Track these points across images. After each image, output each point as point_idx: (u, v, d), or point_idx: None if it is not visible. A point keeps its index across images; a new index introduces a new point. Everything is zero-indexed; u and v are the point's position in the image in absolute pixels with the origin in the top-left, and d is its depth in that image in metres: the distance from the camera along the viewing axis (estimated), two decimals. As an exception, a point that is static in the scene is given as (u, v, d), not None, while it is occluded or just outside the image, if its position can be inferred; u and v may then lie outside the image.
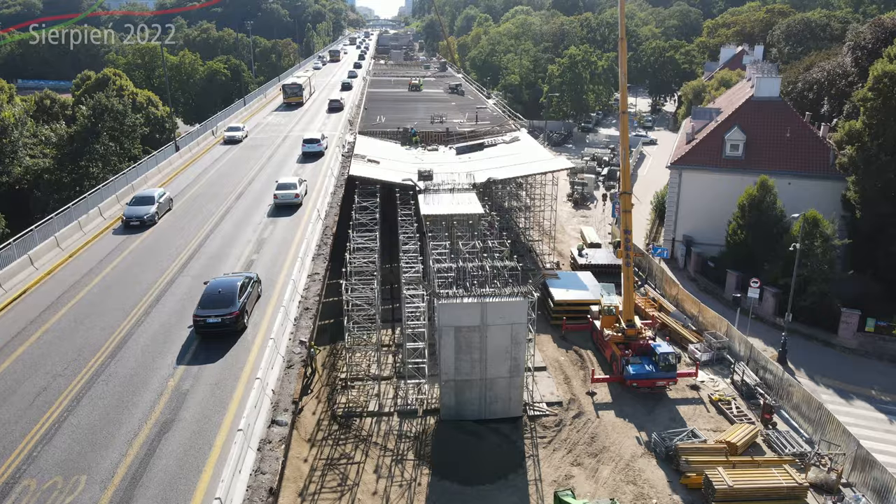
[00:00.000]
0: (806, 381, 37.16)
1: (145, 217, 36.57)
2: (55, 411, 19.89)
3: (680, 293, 45.94)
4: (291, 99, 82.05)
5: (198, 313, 24.00)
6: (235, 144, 59.28)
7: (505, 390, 32.48)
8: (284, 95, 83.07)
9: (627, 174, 39.60)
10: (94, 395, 20.78)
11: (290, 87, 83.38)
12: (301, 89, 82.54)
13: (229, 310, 23.96)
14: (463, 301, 31.02)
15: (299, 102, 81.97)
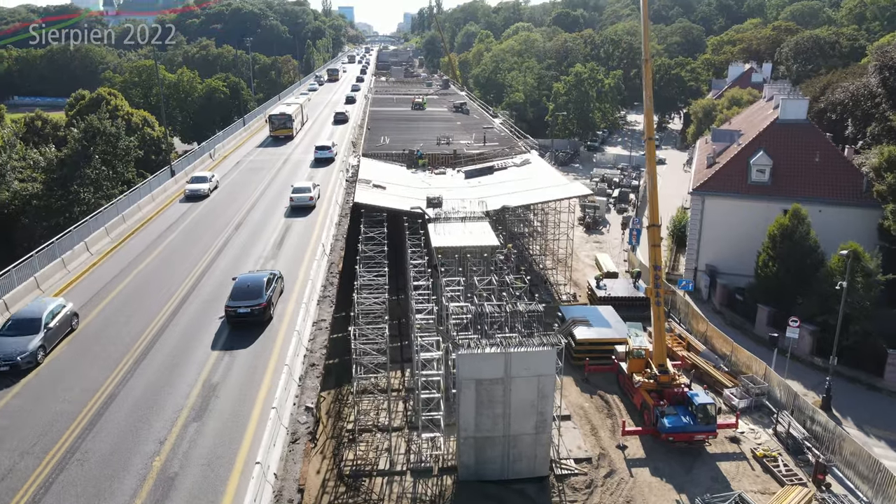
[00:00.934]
0: (854, 430, 34.12)
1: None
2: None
3: (709, 330, 42.95)
4: (279, 132, 70.44)
5: (229, 304, 27.00)
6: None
7: (530, 448, 29.42)
8: (271, 127, 71.30)
9: (656, 206, 36.83)
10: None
11: (277, 118, 70.95)
12: (290, 120, 70.68)
13: (257, 301, 26.90)
14: (485, 352, 28.05)
15: (288, 136, 70.38)
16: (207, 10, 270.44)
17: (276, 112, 72.97)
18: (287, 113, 71.41)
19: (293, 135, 70.67)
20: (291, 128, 70.56)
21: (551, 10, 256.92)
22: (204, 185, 48.02)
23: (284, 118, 70.67)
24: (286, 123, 70.36)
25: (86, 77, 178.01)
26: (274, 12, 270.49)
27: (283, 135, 70.06)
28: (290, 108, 74.04)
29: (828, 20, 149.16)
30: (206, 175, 49.80)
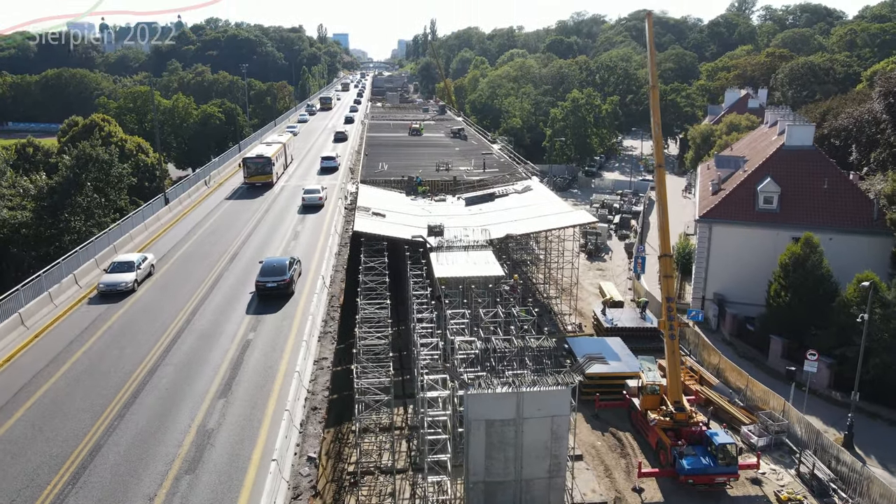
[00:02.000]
0: (879, 470, 32.55)
1: None
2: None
3: (722, 362, 41.48)
4: (255, 178, 59.22)
5: (259, 280, 32.84)
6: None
7: (543, 493, 27.72)
8: (246, 173, 59.57)
9: (667, 236, 35.70)
10: None
11: (254, 162, 59.47)
12: (269, 164, 59.32)
13: (282, 277, 32.85)
14: (496, 391, 26.50)
15: (267, 183, 59.13)
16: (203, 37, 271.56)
17: (253, 155, 61.12)
18: (265, 156, 59.95)
19: (273, 181, 59.59)
20: (271, 173, 59.32)
21: (545, 37, 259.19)
22: (127, 277, 33.63)
23: (262, 162, 59.28)
24: (265, 168, 59.10)
25: (80, 103, 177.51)
26: (270, 39, 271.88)
27: (261, 182, 59.12)
28: (269, 150, 62.52)
29: (819, 47, 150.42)
30: (131, 260, 35.13)
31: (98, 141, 57.91)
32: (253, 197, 55.91)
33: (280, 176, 62.87)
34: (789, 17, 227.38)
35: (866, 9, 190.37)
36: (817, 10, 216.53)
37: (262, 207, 52.22)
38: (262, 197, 55.80)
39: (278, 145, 65.97)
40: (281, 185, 60.48)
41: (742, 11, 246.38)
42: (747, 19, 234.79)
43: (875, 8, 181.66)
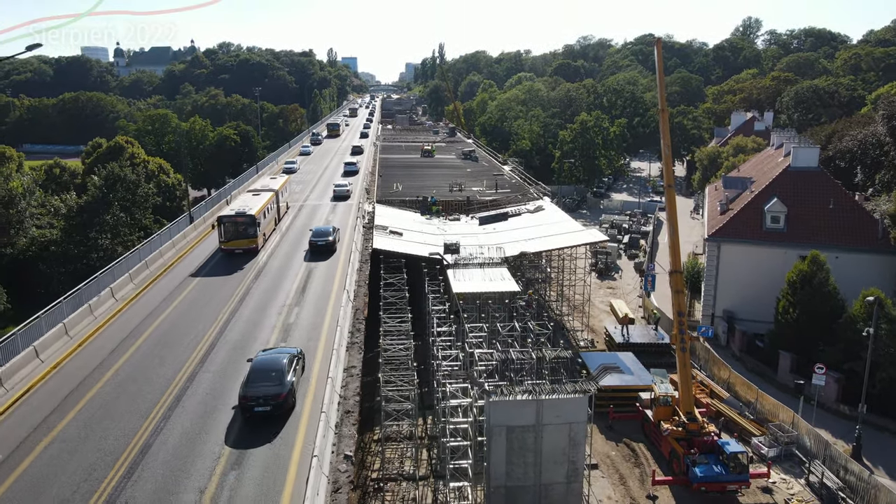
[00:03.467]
0: (887, 481, 33.40)
1: None
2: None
3: (732, 377, 42.63)
4: (234, 244, 44.65)
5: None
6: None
7: (562, 498, 28.86)
8: (221, 236, 44.63)
9: (678, 252, 37.05)
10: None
11: (231, 222, 44.66)
12: (253, 225, 44.69)
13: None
14: (516, 399, 27.81)
15: (250, 248, 44.75)
16: (216, 61, 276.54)
17: (231, 212, 45.58)
18: (248, 213, 44.94)
19: (258, 246, 45.27)
20: (255, 236, 44.82)
21: (552, 60, 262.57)
22: None
23: (244, 223, 44.69)
24: (247, 230, 44.61)
25: (96, 126, 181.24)
26: (281, 63, 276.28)
27: (242, 248, 44.59)
28: (255, 203, 47.99)
29: (823, 71, 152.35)
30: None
31: (126, 162, 59.92)
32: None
33: (268, 237, 49.28)
34: (794, 42, 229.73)
35: (871, 33, 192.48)
36: (822, 34, 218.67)
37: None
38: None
39: (268, 194, 51.43)
40: (272, 246, 47.93)
41: (747, 35, 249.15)
42: (752, 43, 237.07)
43: (879, 32, 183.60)
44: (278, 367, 24.17)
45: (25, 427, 22.95)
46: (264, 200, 49.42)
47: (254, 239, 44.94)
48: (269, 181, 60.71)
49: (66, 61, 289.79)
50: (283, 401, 23.18)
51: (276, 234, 51.69)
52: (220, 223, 44.65)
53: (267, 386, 23.18)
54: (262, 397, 22.84)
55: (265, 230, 48.13)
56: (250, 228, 44.72)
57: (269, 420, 22.86)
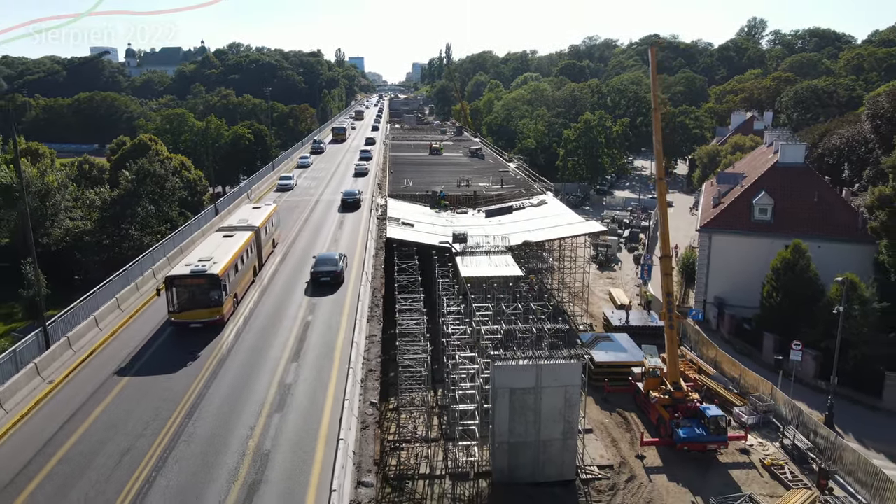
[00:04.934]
0: (856, 445, 36.83)
1: None
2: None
3: (719, 355, 46.15)
4: (188, 316, 32.22)
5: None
6: None
7: (559, 453, 32.49)
8: (172, 305, 32.04)
9: (667, 239, 40.57)
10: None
11: (184, 284, 32.19)
12: (216, 286, 32.14)
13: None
14: (519, 363, 31.45)
15: (213, 321, 32.42)
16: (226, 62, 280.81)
17: (185, 269, 32.95)
18: (209, 271, 32.28)
19: (224, 316, 32.84)
20: (220, 303, 32.23)
21: (558, 61, 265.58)
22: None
23: (203, 286, 32.06)
24: (208, 296, 32.06)
25: (110, 125, 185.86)
26: (290, 63, 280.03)
27: (202, 320, 32.15)
28: (222, 251, 35.32)
29: (826, 71, 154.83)
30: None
31: (155, 157, 63.76)
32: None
33: (240, 299, 35.71)
34: (798, 42, 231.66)
35: (875, 33, 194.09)
36: (826, 34, 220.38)
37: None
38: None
39: (244, 235, 38.87)
40: (245, 313, 34.55)
41: (752, 36, 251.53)
42: (757, 44, 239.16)
43: (884, 33, 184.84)
44: (333, 257, 40.53)
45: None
46: (236, 247, 36.17)
47: (217, 308, 31.75)
48: (248, 214, 45.62)
49: (79, 62, 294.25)
50: (339, 273, 39.14)
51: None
52: (168, 286, 31.44)
53: (328, 267, 38.93)
54: (325, 273, 38.69)
55: (238, 287, 35.46)
56: (213, 293, 31.57)
57: (330, 284, 38.30)
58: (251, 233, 40.02)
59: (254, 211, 47.01)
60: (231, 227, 41.84)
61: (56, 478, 20.39)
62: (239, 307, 35.32)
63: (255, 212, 46.45)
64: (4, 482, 20.27)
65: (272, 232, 46.43)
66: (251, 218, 43.82)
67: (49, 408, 24.80)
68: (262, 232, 42.82)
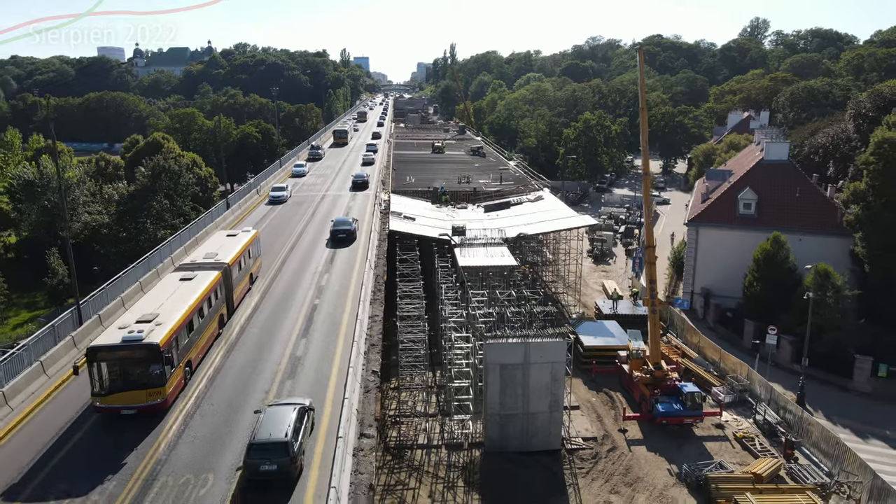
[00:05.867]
0: (824, 421, 39.62)
1: None
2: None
3: (702, 341, 48.93)
4: (117, 399, 24.07)
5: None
6: None
7: (545, 424, 35.33)
8: (97, 385, 23.81)
9: (650, 230, 43.32)
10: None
11: (114, 358, 24.29)
12: (156, 358, 24.16)
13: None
14: (508, 341, 34.31)
15: (151, 407, 24.39)
16: (233, 62, 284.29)
17: (115, 339, 24.67)
18: (148, 341, 24.40)
19: (169, 401, 25.20)
20: (162, 382, 24.53)
21: (561, 61, 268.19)
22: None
23: (138, 358, 24.57)
24: (147, 371, 24.56)
25: (119, 124, 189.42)
26: (296, 63, 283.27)
27: (136, 406, 24.37)
28: (169, 311, 27.07)
29: (826, 71, 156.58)
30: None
31: (169, 154, 66.84)
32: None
33: (195, 367, 28.21)
34: (800, 42, 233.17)
35: (878, 33, 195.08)
36: (828, 34, 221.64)
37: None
38: None
39: (208, 278, 31.29)
40: (193, 396, 26.25)
41: (755, 36, 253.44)
42: (759, 44, 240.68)
43: (886, 32, 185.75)
44: (348, 221, 50.23)
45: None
46: (194, 297, 28.79)
47: (157, 389, 24.31)
48: (219, 244, 37.58)
49: (88, 62, 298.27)
50: (353, 232, 48.91)
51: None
52: (92, 360, 23.79)
53: (344, 227, 48.67)
54: (341, 231, 48.43)
55: (193, 352, 27.83)
56: (153, 368, 24.26)
57: (346, 240, 46.87)
58: (218, 273, 32.19)
59: (227, 240, 38.49)
60: (193, 264, 33.82)
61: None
62: (194, 377, 27.51)
63: (228, 242, 38.09)
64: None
65: (249, 266, 38.31)
66: (222, 251, 35.84)
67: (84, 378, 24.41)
68: (236, 268, 35.11)
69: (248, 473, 20.29)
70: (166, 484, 20.58)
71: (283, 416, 21.30)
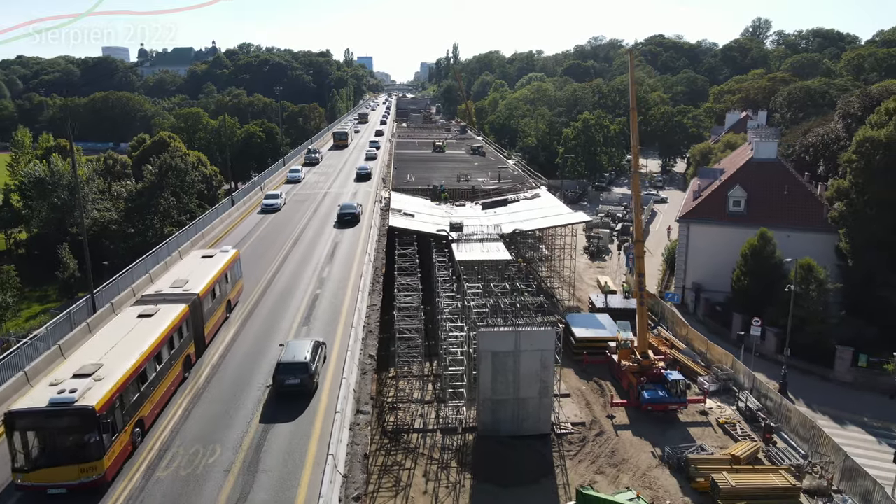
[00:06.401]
0: (804, 408, 41.28)
1: None
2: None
3: (690, 333, 50.59)
4: (42, 476, 19.64)
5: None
6: None
7: (535, 409, 37.04)
8: (18, 460, 19.50)
9: (640, 225, 45.03)
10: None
11: (39, 426, 19.91)
12: (92, 425, 19.63)
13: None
14: (499, 330, 36.04)
15: (88, 485, 19.81)
16: (237, 62, 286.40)
17: (40, 402, 20.07)
18: (82, 404, 19.91)
19: (108, 476, 20.31)
20: (100, 454, 19.90)
21: (563, 60, 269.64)
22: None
23: (69, 427, 20.14)
24: (80, 442, 20.01)
25: (125, 124, 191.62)
26: (299, 63, 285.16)
27: (69, 482, 19.83)
28: (115, 362, 22.35)
29: (827, 72, 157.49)
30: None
31: (176, 153, 68.75)
32: None
33: (149, 426, 23.58)
34: (802, 42, 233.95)
35: (880, 33, 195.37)
36: (830, 34, 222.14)
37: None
38: None
39: (171, 315, 26.88)
40: (143, 466, 21.44)
41: (757, 36, 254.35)
42: (761, 44, 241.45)
43: (888, 32, 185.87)
44: (353, 204, 55.04)
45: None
46: (149, 341, 24.48)
47: (93, 464, 20.01)
48: (191, 269, 33.17)
49: (93, 62, 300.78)
50: (358, 215, 53.92)
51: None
52: (10, 428, 19.76)
53: (350, 210, 53.74)
54: (347, 214, 53.79)
55: (146, 408, 23.32)
56: (87, 437, 20.06)
57: (351, 222, 51.57)
58: (184, 308, 27.70)
59: (201, 264, 33.83)
60: (157, 296, 29.50)
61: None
62: (147, 438, 22.84)
63: (201, 266, 33.46)
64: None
65: (226, 292, 33.35)
66: (193, 277, 31.34)
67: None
68: (208, 299, 30.41)
69: (276, 387, 25.15)
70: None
71: (302, 346, 26.53)
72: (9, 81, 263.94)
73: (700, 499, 32.03)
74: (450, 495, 32.36)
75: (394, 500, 31.98)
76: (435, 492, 32.65)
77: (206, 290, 30.52)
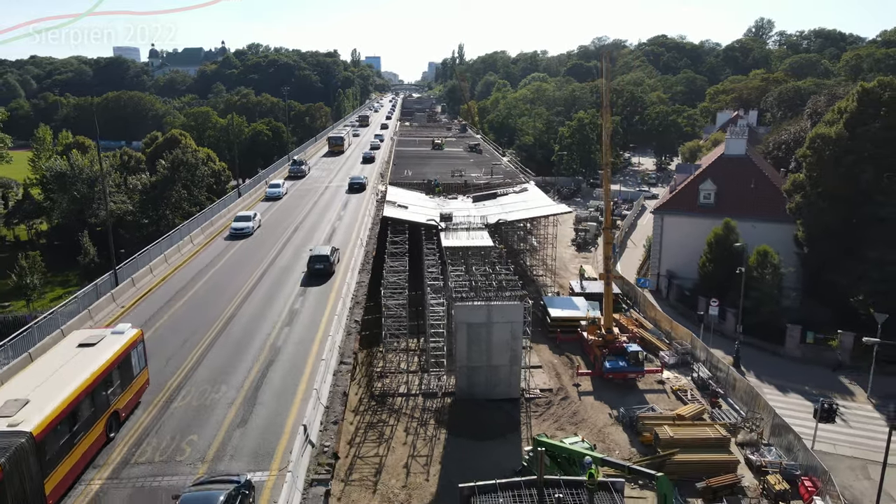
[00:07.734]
0: (753, 380, 45.60)
1: None
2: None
3: (658, 314, 54.95)
4: None
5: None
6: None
7: (506, 376, 41.54)
8: None
9: (609, 214, 49.46)
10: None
11: None
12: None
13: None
14: (473, 303, 40.55)
15: None
16: (246, 62, 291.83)
17: None
18: None
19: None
20: None
21: (567, 61, 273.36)
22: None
23: None
24: None
25: (136, 122, 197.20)
26: (307, 63, 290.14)
27: None
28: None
29: (825, 72, 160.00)
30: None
31: (188, 149, 73.60)
32: None
33: None
34: (803, 43, 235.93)
35: (883, 33, 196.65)
36: (831, 35, 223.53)
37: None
38: None
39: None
40: None
41: (759, 36, 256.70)
42: (762, 44, 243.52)
43: (891, 32, 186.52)
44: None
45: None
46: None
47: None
48: (49, 372, 22.00)
49: (105, 62, 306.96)
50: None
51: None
52: None
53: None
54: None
55: None
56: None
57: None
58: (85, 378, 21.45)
59: (70, 363, 22.84)
60: (86, 343, 24.09)
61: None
62: None
63: (69, 367, 22.53)
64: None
65: (109, 401, 22.89)
66: (40, 393, 20.52)
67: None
68: (62, 429, 19.96)
69: (309, 269, 41.70)
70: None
71: (325, 247, 43.50)
72: (23, 81, 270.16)
73: (645, 449, 36.42)
74: (426, 446, 36.91)
75: (377, 449, 36.54)
76: (413, 443, 37.21)
77: (55, 415, 19.58)
